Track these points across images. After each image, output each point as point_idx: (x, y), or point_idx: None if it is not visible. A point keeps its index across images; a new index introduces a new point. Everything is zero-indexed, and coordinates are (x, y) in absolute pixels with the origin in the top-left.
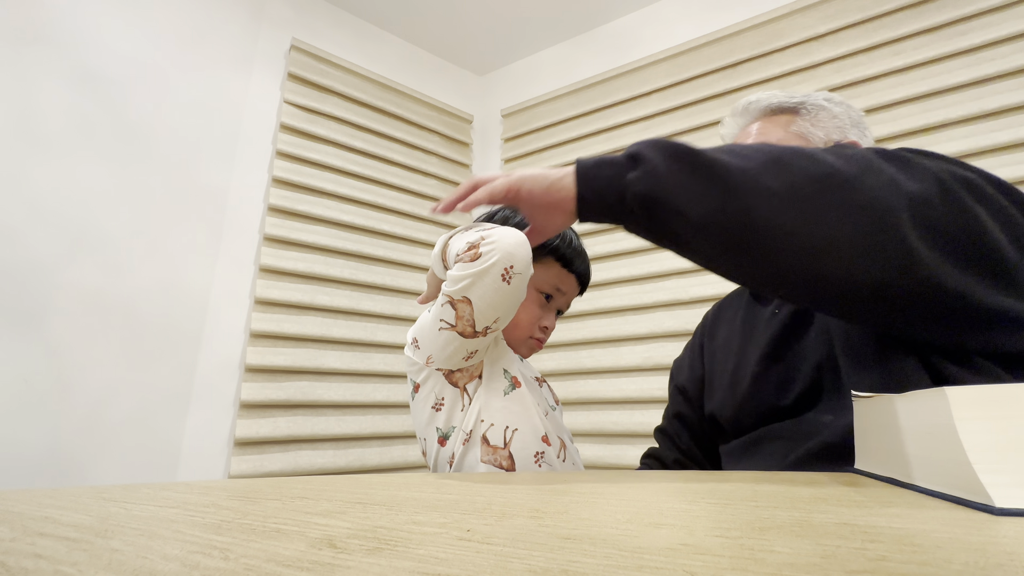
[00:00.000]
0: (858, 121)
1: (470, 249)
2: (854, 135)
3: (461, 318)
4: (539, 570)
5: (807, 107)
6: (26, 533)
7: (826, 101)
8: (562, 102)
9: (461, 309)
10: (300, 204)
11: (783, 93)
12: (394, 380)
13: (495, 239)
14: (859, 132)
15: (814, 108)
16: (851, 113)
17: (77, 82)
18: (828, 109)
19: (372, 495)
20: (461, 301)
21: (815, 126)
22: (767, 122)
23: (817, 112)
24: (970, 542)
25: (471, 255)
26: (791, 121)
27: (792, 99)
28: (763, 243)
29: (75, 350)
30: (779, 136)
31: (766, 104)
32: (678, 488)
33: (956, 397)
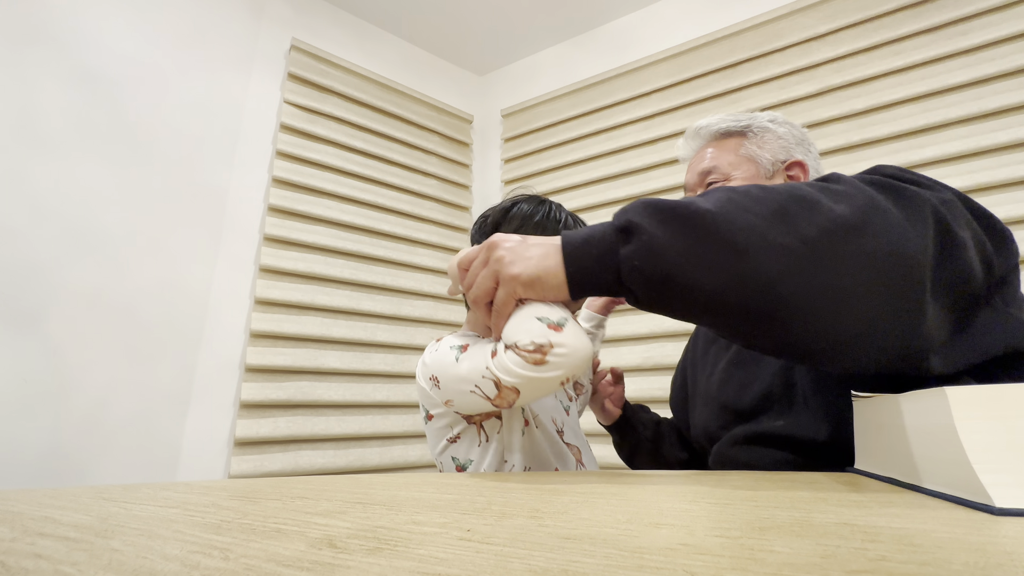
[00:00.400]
0: (801, 139)
1: (535, 351)
2: (799, 153)
3: (502, 398)
4: (539, 570)
5: (753, 130)
6: (26, 533)
7: (770, 123)
8: (562, 102)
9: (506, 394)
10: (300, 204)
11: (731, 117)
12: (394, 380)
13: (566, 351)
14: (803, 150)
15: (760, 130)
16: (794, 132)
17: (77, 82)
18: (773, 130)
19: (372, 495)
20: (509, 388)
21: (762, 148)
22: (717, 146)
23: (763, 134)
24: (970, 542)
25: (535, 359)
26: (740, 144)
27: (739, 123)
28: (784, 306)
29: (75, 350)
30: (730, 159)
31: (716, 128)
32: (678, 488)
33: (956, 397)
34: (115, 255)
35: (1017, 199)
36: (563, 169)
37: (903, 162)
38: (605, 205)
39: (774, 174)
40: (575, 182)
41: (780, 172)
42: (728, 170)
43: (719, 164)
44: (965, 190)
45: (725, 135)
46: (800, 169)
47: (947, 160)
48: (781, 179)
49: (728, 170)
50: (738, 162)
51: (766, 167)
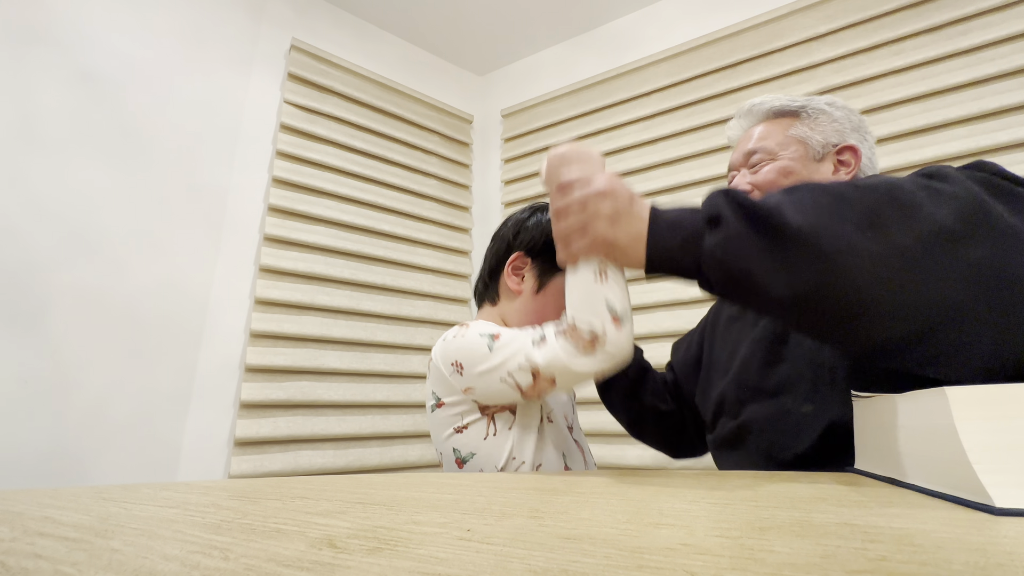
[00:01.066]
0: (858, 125)
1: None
2: (854, 139)
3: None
4: (539, 570)
5: (808, 111)
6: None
7: (827, 105)
8: (562, 102)
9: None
10: (300, 204)
11: (787, 97)
12: (394, 380)
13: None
14: (859, 136)
15: (815, 112)
16: (851, 117)
17: (77, 82)
18: (829, 113)
19: (372, 495)
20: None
21: (814, 130)
22: (770, 125)
23: (817, 116)
24: (970, 542)
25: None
26: (791, 124)
27: (794, 103)
28: (870, 312)
29: (75, 350)
30: (778, 139)
31: (769, 107)
32: (678, 488)
33: (956, 397)
34: (115, 255)
35: None
36: None
37: (903, 162)
38: None
39: (824, 156)
40: None
41: (831, 155)
42: (776, 149)
43: (766, 144)
44: None
45: (778, 114)
46: (852, 154)
47: (947, 160)
48: (831, 163)
49: (776, 149)
50: (787, 142)
51: (816, 149)
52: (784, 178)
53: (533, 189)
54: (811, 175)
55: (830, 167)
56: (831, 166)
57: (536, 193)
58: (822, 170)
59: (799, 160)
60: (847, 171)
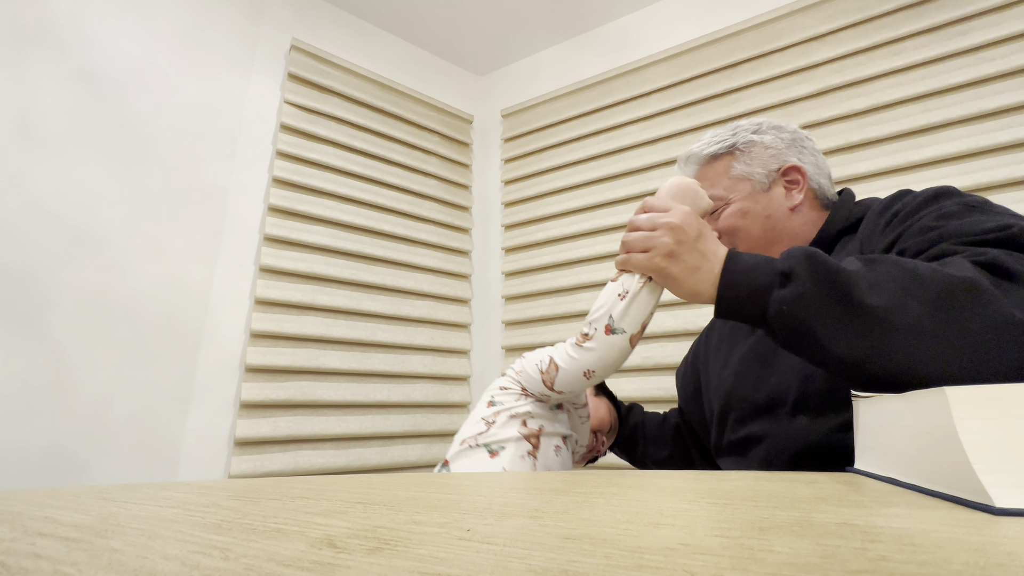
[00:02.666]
0: (792, 141)
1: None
2: (793, 157)
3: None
4: (539, 570)
5: (739, 147)
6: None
7: (755, 135)
8: (562, 102)
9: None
10: (300, 204)
11: (716, 139)
12: (394, 380)
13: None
14: (797, 150)
15: (746, 146)
16: (782, 136)
17: (77, 82)
18: (758, 142)
19: (372, 495)
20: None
21: (751, 164)
22: (710, 170)
23: (749, 149)
24: (970, 542)
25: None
26: (729, 164)
27: (724, 143)
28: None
29: (75, 350)
30: (724, 184)
31: (704, 153)
32: (678, 488)
33: (956, 397)
34: (115, 255)
35: (1017, 199)
36: (563, 169)
37: (903, 162)
38: (605, 205)
39: (771, 185)
40: (575, 182)
41: (777, 181)
42: (726, 194)
43: (715, 192)
44: (965, 190)
45: (714, 159)
46: (797, 173)
47: (947, 160)
48: (780, 188)
49: (726, 194)
50: (732, 184)
51: (761, 182)
52: (743, 219)
53: (533, 189)
54: (766, 206)
55: (781, 191)
56: (782, 189)
57: (536, 193)
58: (774, 197)
59: (750, 197)
60: (798, 189)
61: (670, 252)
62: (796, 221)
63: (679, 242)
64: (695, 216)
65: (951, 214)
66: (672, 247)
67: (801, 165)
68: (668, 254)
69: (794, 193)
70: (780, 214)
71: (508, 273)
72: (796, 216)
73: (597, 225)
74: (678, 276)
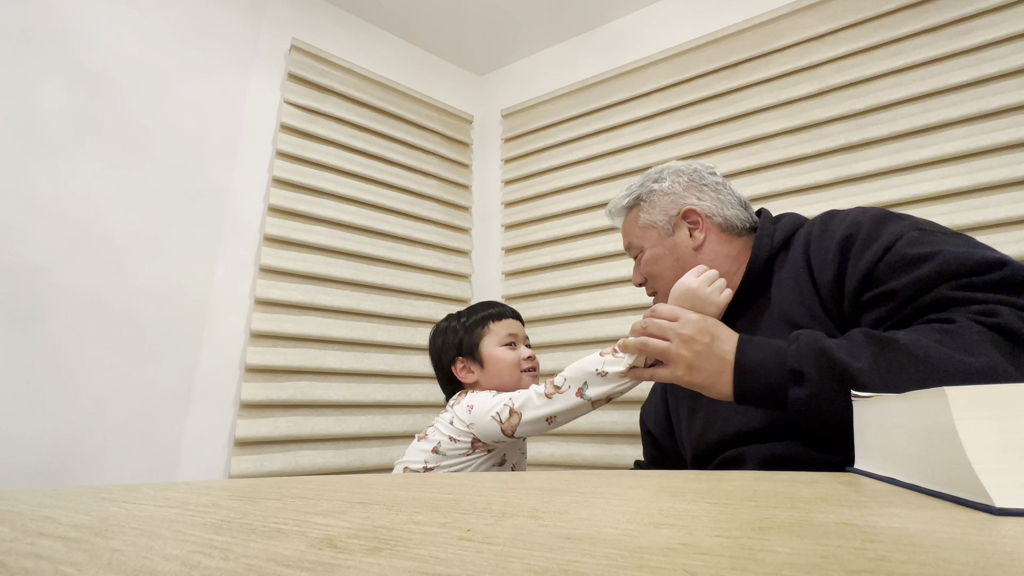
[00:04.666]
0: (690, 182)
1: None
2: (691, 199)
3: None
4: (539, 570)
5: (643, 198)
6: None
7: (655, 184)
8: (562, 102)
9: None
10: (300, 204)
11: (625, 192)
12: (394, 380)
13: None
14: (696, 191)
15: (647, 196)
16: (680, 179)
17: (77, 82)
18: (656, 190)
19: (372, 495)
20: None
21: (653, 212)
22: (626, 221)
23: (650, 198)
24: (970, 542)
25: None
26: (637, 215)
27: (631, 195)
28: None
29: (75, 350)
30: (636, 232)
31: (619, 206)
32: (678, 488)
33: (956, 397)
34: (115, 255)
35: (1017, 199)
36: (563, 169)
37: (903, 162)
38: (605, 205)
39: (674, 229)
40: (575, 182)
41: (680, 224)
42: (639, 243)
43: (632, 240)
44: (965, 190)
45: (627, 209)
46: (696, 215)
47: (947, 160)
48: (684, 230)
49: (639, 243)
50: (642, 233)
51: (664, 227)
52: (656, 265)
53: (533, 189)
54: (672, 249)
55: (685, 232)
56: (685, 231)
57: (536, 193)
58: (679, 240)
59: (657, 243)
60: (699, 228)
61: (690, 366)
62: (705, 258)
63: (696, 354)
64: (704, 321)
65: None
66: (691, 360)
67: (697, 207)
68: (689, 367)
69: (696, 233)
70: (686, 255)
71: (508, 273)
72: (703, 254)
73: (597, 225)
74: (705, 384)
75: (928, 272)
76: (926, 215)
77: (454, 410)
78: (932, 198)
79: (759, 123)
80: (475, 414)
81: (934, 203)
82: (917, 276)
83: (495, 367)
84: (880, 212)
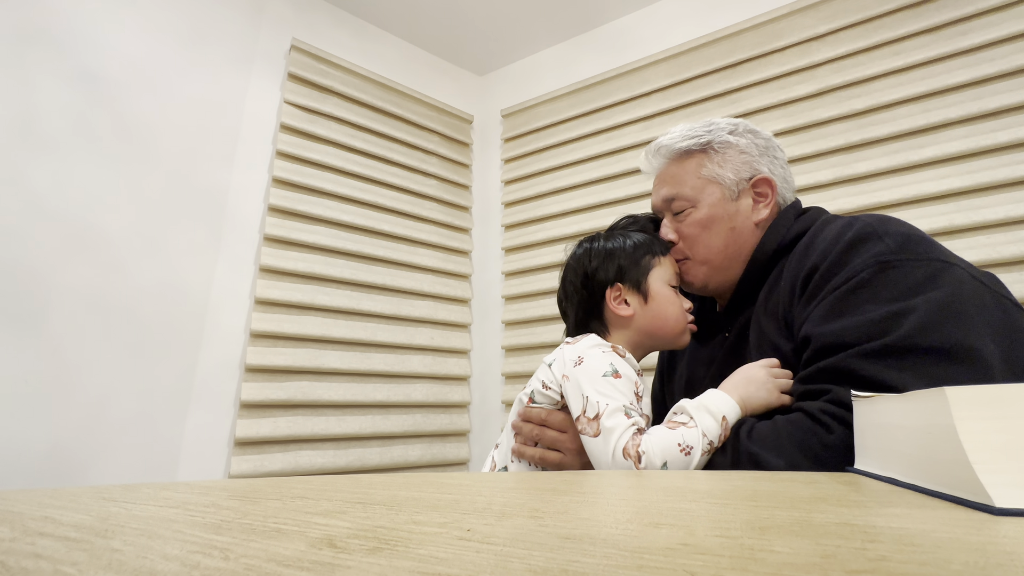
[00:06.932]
0: (766, 148)
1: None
2: (765, 166)
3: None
4: (539, 570)
5: (714, 147)
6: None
7: (731, 135)
8: (562, 102)
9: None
10: (300, 204)
11: (691, 134)
12: (394, 380)
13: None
14: (769, 160)
15: (721, 147)
16: (757, 142)
17: (77, 82)
18: (734, 145)
19: (372, 495)
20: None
21: (724, 166)
22: (679, 167)
23: (724, 151)
24: (970, 542)
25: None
26: (701, 163)
27: (699, 140)
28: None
29: (75, 350)
30: (692, 183)
31: (676, 148)
32: (678, 488)
33: (956, 397)
34: (115, 255)
35: (1017, 199)
36: (563, 169)
37: (903, 162)
38: (605, 205)
39: (740, 194)
40: (575, 182)
41: (746, 191)
42: (693, 196)
43: (683, 191)
44: (965, 190)
45: (685, 155)
46: (767, 186)
47: (947, 160)
48: (748, 198)
49: (693, 196)
50: (701, 185)
51: (730, 188)
52: (706, 230)
53: (533, 189)
54: (733, 216)
55: (748, 202)
56: (749, 201)
57: (536, 193)
58: (741, 208)
59: (718, 204)
60: (765, 203)
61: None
62: (758, 238)
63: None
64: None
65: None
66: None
67: (772, 177)
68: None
69: (760, 207)
70: (744, 228)
71: (508, 273)
72: (759, 233)
73: (597, 225)
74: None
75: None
76: (926, 215)
77: (562, 350)
78: (932, 198)
79: (759, 123)
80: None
81: (934, 203)
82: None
83: (661, 307)
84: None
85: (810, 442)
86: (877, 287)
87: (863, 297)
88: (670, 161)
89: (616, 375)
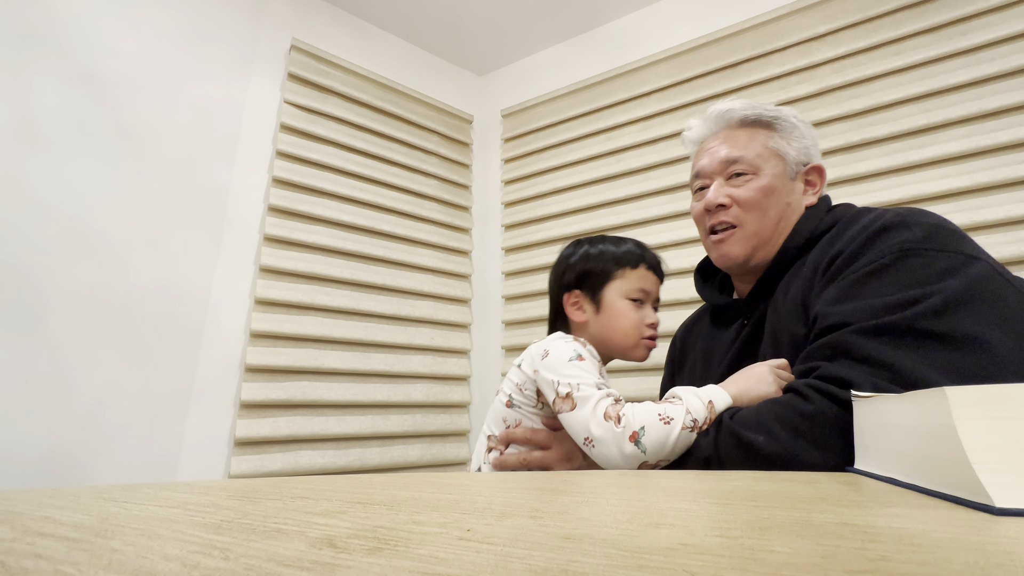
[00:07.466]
0: (815, 140)
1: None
2: (817, 157)
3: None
4: (539, 570)
5: (781, 123)
6: (26, 533)
7: (795, 119)
8: (562, 102)
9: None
10: (300, 204)
11: (758, 105)
12: (394, 380)
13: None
14: (817, 151)
15: (788, 126)
16: (812, 133)
17: (77, 82)
18: (799, 128)
19: (372, 495)
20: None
21: (789, 144)
22: (742, 132)
23: (791, 130)
24: (970, 542)
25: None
26: (768, 136)
27: (767, 113)
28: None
29: (75, 350)
30: (758, 151)
31: (743, 115)
32: (678, 488)
33: (956, 397)
34: (115, 255)
35: (1017, 199)
36: (563, 169)
37: (903, 162)
38: (605, 205)
39: (796, 175)
40: (575, 182)
41: (800, 176)
42: (758, 162)
43: (747, 155)
44: (965, 190)
45: (752, 124)
46: (818, 176)
47: (947, 160)
48: (800, 184)
49: (758, 162)
50: (767, 155)
51: (792, 166)
52: (766, 198)
53: (533, 189)
54: (787, 195)
55: (800, 186)
56: (801, 186)
57: (536, 193)
58: (795, 190)
59: (780, 177)
60: (813, 192)
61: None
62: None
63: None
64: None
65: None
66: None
67: (824, 168)
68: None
69: (810, 194)
70: (797, 208)
71: (508, 273)
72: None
73: (597, 225)
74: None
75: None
76: None
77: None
78: (932, 198)
79: None
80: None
81: (934, 203)
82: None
83: (611, 319)
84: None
85: (786, 413)
86: (896, 273)
87: (880, 281)
88: (732, 128)
89: (580, 358)
